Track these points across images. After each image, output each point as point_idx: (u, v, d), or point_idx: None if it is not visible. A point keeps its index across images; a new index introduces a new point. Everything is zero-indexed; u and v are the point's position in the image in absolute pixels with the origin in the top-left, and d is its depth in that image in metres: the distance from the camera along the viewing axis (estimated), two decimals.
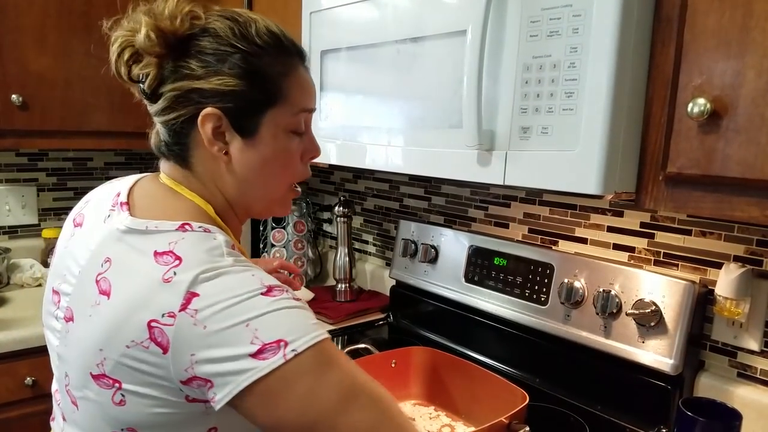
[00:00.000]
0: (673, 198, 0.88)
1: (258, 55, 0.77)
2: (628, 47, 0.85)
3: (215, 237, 0.74)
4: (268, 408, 0.68)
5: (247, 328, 0.66)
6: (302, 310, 0.71)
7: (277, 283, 0.71)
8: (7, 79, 1.73)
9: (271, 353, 0.66)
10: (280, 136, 0.79)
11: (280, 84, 0.78)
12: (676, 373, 1.13)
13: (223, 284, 0.68)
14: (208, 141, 0.76)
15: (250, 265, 0.72)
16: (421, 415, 1.18)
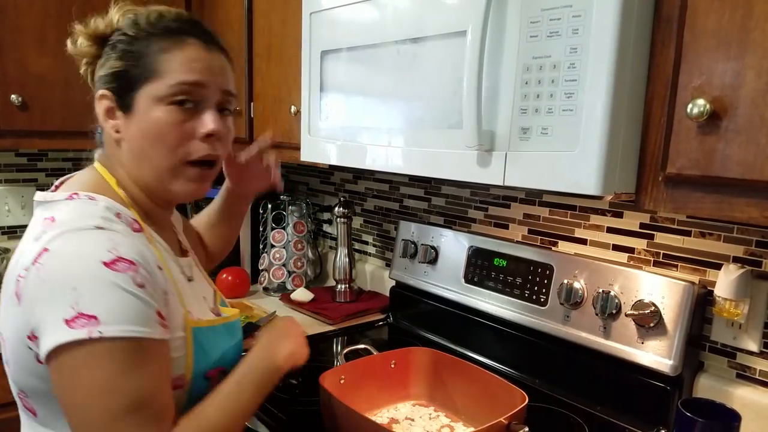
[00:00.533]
0: (672, 199, 0.88)
1: (139, 37, 0.84)
2: (627, 48, 0.85)
3: (97, 203, 0.80)
4: (63, 378, 0.71)
5: (74, 292, 0.69)
6: (137, 300, 0.72)
7: (134, 258, 0.73)
8: (7, 79, 1.74)
9: (80, 325, 0.68)
10: (156, 108, 0.83)
11: (157, 60, 0.83)
12: (675, 373, 1.13)
13: (74, 242, 0.73)
14: (102, 120, 0.86)
15: (117, 232, 0.76)
16: (420, 415, 1.18)
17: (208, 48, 0.86)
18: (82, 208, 0.79)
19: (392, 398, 1.22)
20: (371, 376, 1.20)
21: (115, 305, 0.71)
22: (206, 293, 0.99)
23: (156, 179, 0.86)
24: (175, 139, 0.83)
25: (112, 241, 0.74)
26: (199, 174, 0.87)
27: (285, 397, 1.27)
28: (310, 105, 1.38)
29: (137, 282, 0.73)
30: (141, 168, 0.86)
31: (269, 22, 1.66)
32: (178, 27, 0.85)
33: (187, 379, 0.83)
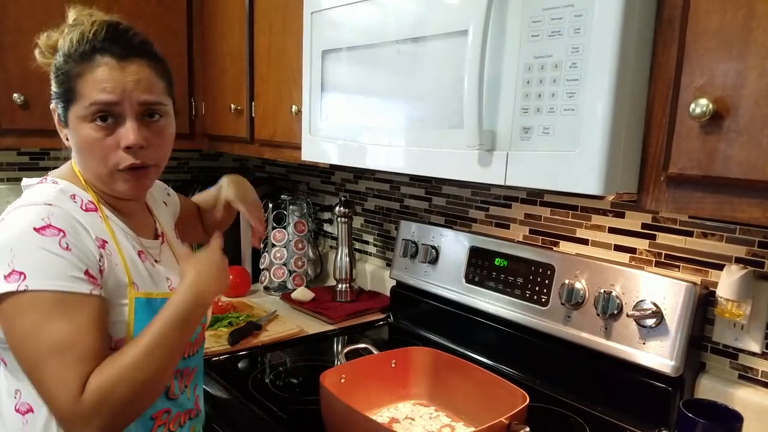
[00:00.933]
0: (674, 199, 0.88)
1: (65, 61, 0.93)
2: (629, 47, 0.84)
3: (57, 186, 0.93)
4: (4, 329, 0.85)
5: (11, 253, 0.83)
6: (61, 259, 0.84)
7: (62, 227, 0.85)
8: (8, 78, 1.74)
9: (14, 280, 0.82)
10: (81, 126, 0.92)
11: (75, 84, 0.92)
12: (676, 374, 1.13)
13: (20, 214, 0.87)
14: (57, 129, 0.99)
15: (58, 207, 0.88)
16: (420, 415, 1.17)
17: (120, 63, 0.92)
18: (44, 189, 0.93)
19: (392, 398, 1.22)
20: (372, 375, 1.20)
21: (40, 264, 0.83)
22: (174, 277, 1.05)
23: (98, 182, 0.97)
24: (101, 152, 0.93)
25: (49, 212, 0.86)
26: (131, 176, 0.96)
27: (285, 395, 1.27)
28: (311, 104, 1.38)
29: (63, 246, 0.85)
30: (86, 172, 0.98)
31: (270, 21, 1.65)
32: (91, 48, 0.92)
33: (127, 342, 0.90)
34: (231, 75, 1.85)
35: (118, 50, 0.92)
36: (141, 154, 0.94)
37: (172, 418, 1.01)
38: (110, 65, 0.91)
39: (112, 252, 0.93)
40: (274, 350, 1.53)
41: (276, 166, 2.40)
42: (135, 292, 0.94)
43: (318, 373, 1.09)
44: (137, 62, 0.94)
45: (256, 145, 1.79)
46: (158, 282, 1.01)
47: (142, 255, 1.00)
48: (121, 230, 0.99)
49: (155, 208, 1.17)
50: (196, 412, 1.09)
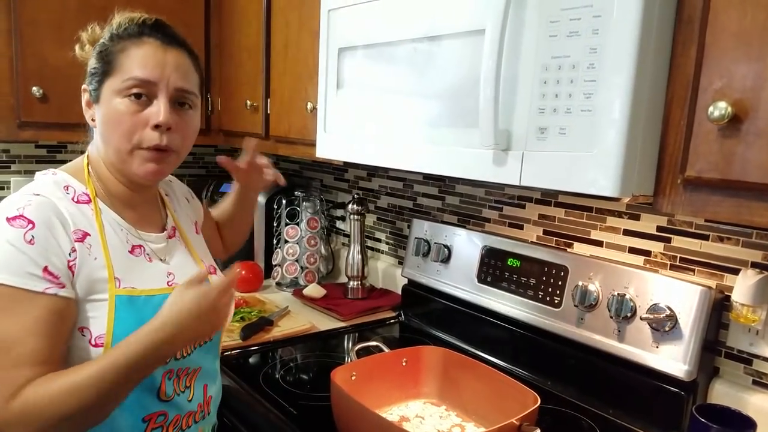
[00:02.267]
0: (691, 202, 0.87)
1: (110, 40, 0.97)
2: (648, 49, 0.84)
3: (54, 177, 0.96)
4: None
5: None
6: (19, 253, 0.84)
7: (36, 220, 0.86)
8: (27, 71, 1.75)
9: None
10: (114, 100, 0.95)
11: (117, 58, 0.95)
12: (690, 379, 1.12)
13: (5, 202, 0.90)
14: (84, 111, 1.02)
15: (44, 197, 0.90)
16: (431, 414, 1.17)
17: (164, 47, 0.97)
18: (41, 180, 0.96)
19: (403, 396, 1.22)
20: (382, 373, 1.20)
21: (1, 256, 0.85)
22: (181, 272, 1.03)
23: (118, 160, 0.98)
24: (129, 126, 0.95)
25: (27, 202, 0.88)
26: (152, 156, 0.97)
27: (296, 391, 1.28)
28: (327, 102, 1.38)
29: (27, 239, 0.85)
30: (107, 150, 0.99)
31: (287, 18, 1.66)
32: (140, 30, 0.97)
33: (107, 340, 0.90)
34: (247, 71, 1.86)
35: (163, 36, 0.97)
36: (166, 136, 0.96)
37: (170, 422, 0.99)
38: (155, 45, 0.96)
39: (92, 245, 0.92)
40: (286, 346, 1.54)
41: (289, 163, 2.41)
42: (116, 289, 0.93)
43: (329, 370, 1.10)
44: (179, 50, 0.99)
45: (271, 142, 1.80)
46: (153, 278, 0.99)
47: (136, 250, 1.00)
48: (116, 224, 0.98)
49: (173, 203, 1.17)
50: (201, 415, 1.06)
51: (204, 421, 1.08)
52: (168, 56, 0.96)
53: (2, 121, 1.77)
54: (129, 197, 1.02)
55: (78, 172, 0.99)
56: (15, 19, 1.72)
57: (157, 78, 0.94)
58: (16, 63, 1.74)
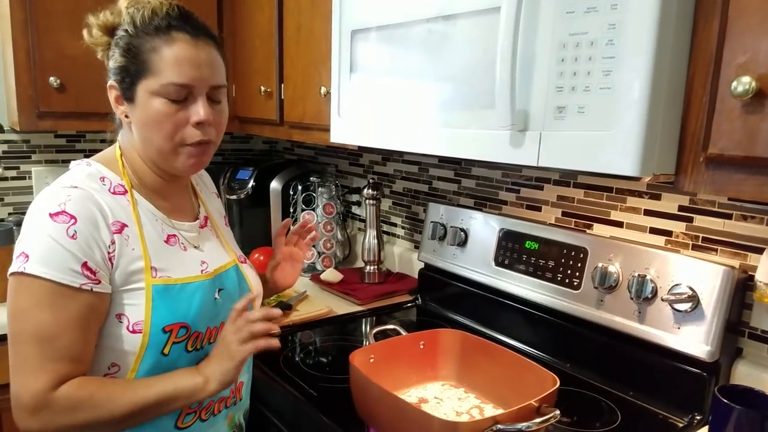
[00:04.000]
0: (713, 180, 0.85)
1: (136, 35, 0.94)
2: (669, 23, 0.82)
3: (89, 168, 0.97)
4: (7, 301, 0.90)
5: (26, 233, 0.89)
6: (62, 249, 0.87)
7: (75, 213, 0.88)
8: (44, 62, 1.77)
9: (20, 259, 0.88)
10: (152, 101, 0.94)
11: (150, 59, 0.93)
12: (712, 360, 1.10)
13: (44, 196, 0.91)
14: (113, 107, 1.00)
15: (82, 190, 0.91)
16: (449, 396, 1.17)
17: (195, 42, 0.95)
18: (76, 171, 0.96)
19: (421, 378, 1.22)
20: (400, 356, 1.20)
21: (42, 250, 0.87)
22: (213, 260, 1.07)
23: (160, 157, 0.99)
24: (171, 126, 0.95)
25: (67, 196, 0.89)
26: (196, 151, 0.99)
27: (315, 373, 1.28)
28: (340, 86, 1.38)
29: (69, 234, 0.87)
30: (147, 148, 0.99)
31: (299, 3, 1.65)
32: (167, 24, 0.94)
33: (146, 328, 0.93)
34: (260, 57, 1.85)
35: (190, 29, 0.96)
36: (207, 130, 0.98)
37: (203, 407, 1.02)
38: (186, 41, 0.94)
39: (130, 236, 0.95)
40: (304, 330, 1.55)
41: (305, 149, 2.41)
42: (152, 278, 0.95)
43: (347, 353, 1.10)
44: (208, 42, 0.98)
45: (285, 128, 1.80)
46: (187, 266, 1.02)
47: (171, 239, 1.02)
48: (151, 214, 1.00)
49: (204, 193, 1.19)
50: (233, 400, 1.09)
51: (235, 407, 1.10)
52: (200, 53, 0.95)
53: (22, 111, 1.79)
54: (163, 187, 1.04)
55: (111, 163, 1.00)
56: (30, 10, 1.73)
57: (194, 81, 0.94)
58: (33, 53, 1.76)
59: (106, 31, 0.98)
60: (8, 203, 2.11)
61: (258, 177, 2.12)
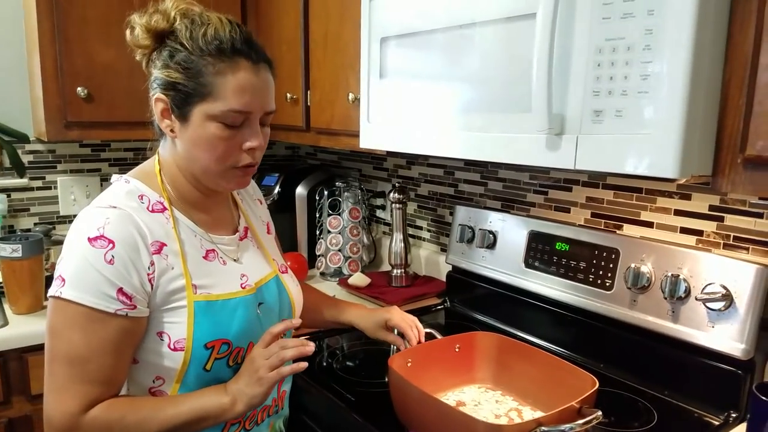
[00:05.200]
0: (751, 181, 0.86)
1: (199, 55, 0.92)
2: (705, 27, 0.83)
3: (127, 185, 0.97)
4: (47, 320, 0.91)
5: (65, 257, 0.90)
6: (99, 275, 0.88)
7: (113, 237, 0.89)
8: (74, 71, 1.79)
9: (57, 283, 0.89)
10: (208, 125, 0.94)
11: (212, 82, 0.92)
12: (747, 358, 1.11)
13: (83, 217, 0.92)
14: (158, 119, 0.98)
15: (121, 210, 0.92)
16: (487, 399, 1.18)
17: (256, 69, 0.95)
18: (115, 188, 0.97)
19: (457, 382, 1.23)
20: (436, 359, 1.21)
21: (79, 275, 0.88)
22: (253, 273, 1.07)
23: (205, 177, 1.00)
24: (224, 151, 0.96)
25: (106, 219, 0.90)
26: (243, 173, 1.00)
27: (351, 378, 1.30)
28: (369, 92, 1.39)
29: (107, 259, 0.88)
30: (192, 166, 0.99)
31: (326, 9, 1.67)
32: (231, 48, 0.93)
33: (188, 345, 0.94)
34: (286, 63, 1.87)
35: (253, 55, 0.95)
36: (257, 154, 0.99)
37: (247, 417, 1.03)
38: (248, 69, 0.94)
39: (169, 255, 0.95)
40: (332, 335, 1.56)
41: (327, 153, 2.43)
42: (193, 295, 0.95)
43: (378, 357, 1.11)
44: (265, 68, 0.98)
45: (312, 134, 1.82)
46: (228, 281, 1.01)
47: (211, 254, 1.01)
48: (190, 231, 1.00)
49: (245, 202, 1.18)
50: (275, 409, 1.10)
51: (276, 416, 1.12)
52: (260, 80, 0.95)
53: (49, 121, 1.80)
54: (203, 201, 1.04)
55: (150, 179, 1.00)
56: (58, 19, 1.75)
57: (253, 108, 0.95)
58: (61, 63, 1.78)
59: (152, 36, 0.95)
60: (34, 213, 2.15)
61: (284, 183, 2.15)
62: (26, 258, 1.60)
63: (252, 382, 0.93)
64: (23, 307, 1.63)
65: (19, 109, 2.07)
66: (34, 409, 1.58)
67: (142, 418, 0.91)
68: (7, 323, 1.57)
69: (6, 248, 1.57)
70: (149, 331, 0.94)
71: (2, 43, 2.02)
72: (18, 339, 1.54)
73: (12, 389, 1.56)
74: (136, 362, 0.96)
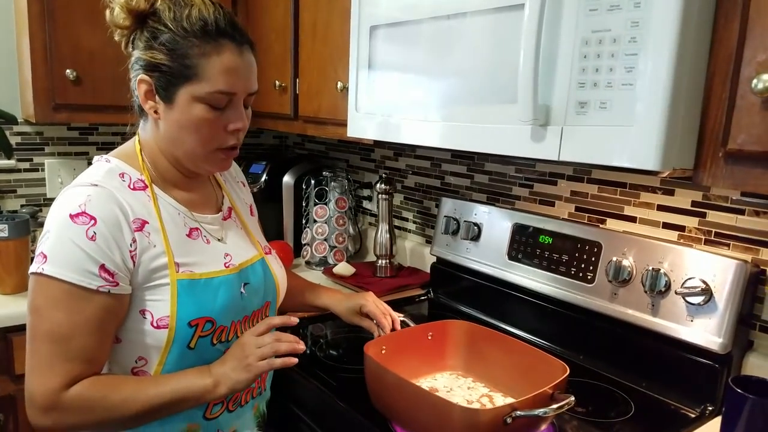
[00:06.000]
0: (732, 175, 0.87)
1: (183, 36, 0.91)
2: (690, 22, 0.84)
3: (108, 164, 0.97)
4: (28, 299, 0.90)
5: (47, 234, 0.89)
6: (81, 252, 0.87)
7: (95, 214, 0.88)
8: (61, 54, 1.78)
9: (39, 261, 0.88)
10: (194, 106, 0.94)
11: (198, 64, 0.92)
12: (724, 352, 1.12)
13: (65, 196, 0.91)
14: (141, 100, 0.96)
15: (102, 188, 0.91)
16: (459, 385, 1.19)
17: (240, 50, 0.95)
18: (96, 168, 0.97)
19: (431, 369, 1.24)
20: (410, 347, 1.21)
21: (61, 251, 0.87)
22: (237, 253, 1.06)
23: (188, 159, 0.99)
24: (208, 132, 0.96)
25: (87, 196, 0.90)
26: (226, 156, 1.01)
27: (334, 364, 1.31)
28: (358, 81, 1.39)
29: (89, 235, 0.88)
30: (175, 148, 0.99)
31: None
32: (216, 29, 0.93)
33: (171, 323, 0.94)
34: (275, 52, 1.87)
35: (237, 36, 0.95)
36: (240, 135, 1.00)
37: (230, 398, 1.03)
38: (233, 51, 0.94)
39: (151, 232, 0.94)
40: (316, 322, 1.56)
41: (315, 143, 2.43)
42: (176, 273, 0.95)
43: (359, 345, 1.12)
44: (248, 50, 0.97)
45: (299, 122, 1.82)
46: (211, 260, 1.01)
47: (194, 233, 1.01)
48: (173, 208, 1.00)
49: (228, 184, 1.18)
50: (258, 390, 1.10)
51: (260, 397, 1.12)
52: (245, 61, 0.96)
53: (38, 103, 1.80)
54: (184, 181, 1.04)
55: (131, 158, 1.00)
56: (48, 3, 1.74)
57: (239, 89, 0.95)
58: (50, 46, 1.77)
59: (132, 16, 0.94)
60: (21, 195, 2.13)
61: (270, 171, 2.14)
62: (12, 239, 1.60)
63: (239, 368, 0.94)
64: (8, 288, 1.63)
65: (7, 91, 2.05)
66: (18, 389, 1.57)
67: (124, 398, 0.91)
68: None
69: None
70: (131, 309, 0.94)
71: None
72: (2, 319, 1.53)
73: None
74: (119, 341, 0.96)
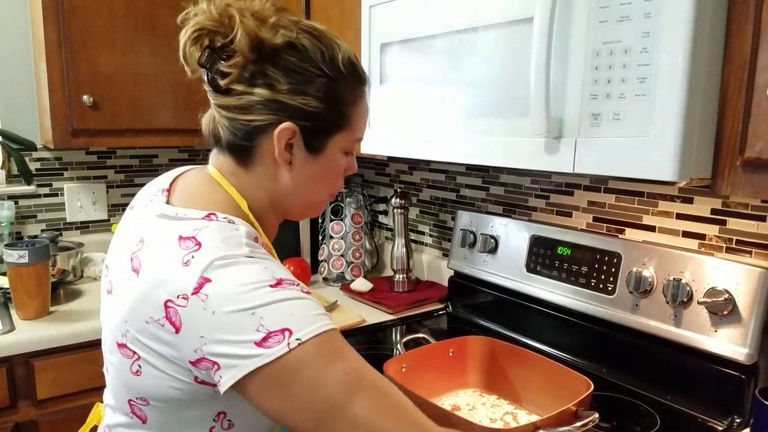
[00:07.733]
0: (751, 183, 0.86)
1: (339, 81, 0.82)
2: (703, 29, 0.83)
3: (237, 228, 0.78)
4: (273, 395, 0.71)
5: (253, 316, 0.69)
6: (308, 301, 0.74)
7: (288, 277, 0.74)
8: (78, 79, 1.81)
9: (276, 341, 0.69)
10: (338, 156, 0.87)
11: (349, 111, 0.85)
12: (750, 362, 1.10)
13: (235, 273, 0.72)
14: (279, 151, 0.81)
15: (265, 258, 0.76)
16: (482, 402, 1.18)
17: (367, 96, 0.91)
18: (226, 233, 0.77)
19: (452, 386, 1.23)
20: (430, 364, 1.21)
21: (297, 314, 0.72)
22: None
23: (303, 208, 0.92)
24: (337, 180, 0.90)
25: (268, 269, 0.74)
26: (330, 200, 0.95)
27: None
28: (370, 98, 1.39)
29: (304, 291, 0.75)
30: (296, 197, 0.88)
31: (327, 15, 1.68)
32: (361, 77, 0.87)
33: None
34: None
35: (368, 84, 0.91)
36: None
37: None
38: (367, 96, 0.90)
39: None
40: None
41: None
42: None
43: (379, 362, 1.11)
44: None
45: None
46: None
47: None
48: None
49: None
50: None
51: None
52: None
53: (56, 129, 1.83)
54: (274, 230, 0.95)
55: (239, 212, 0.84)
56: (64, 29, 1.78)
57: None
58: (67, 72, 1.80)
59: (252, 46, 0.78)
60: (41, 220, 2.16)
61: None
62: (33, 264, 1.61)
63: None
64: (30, 313, 1.64)
65: (26, 117, 2.09)
66: (40, 414, 1.59)
67: None
68: (13, 328, 1.57)
69: (13, 254, 1.58)
70: None
71: (10, 53, 2.04)
72: (24, 344, 1.54)
73: (18, 394, 1.57)
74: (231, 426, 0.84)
